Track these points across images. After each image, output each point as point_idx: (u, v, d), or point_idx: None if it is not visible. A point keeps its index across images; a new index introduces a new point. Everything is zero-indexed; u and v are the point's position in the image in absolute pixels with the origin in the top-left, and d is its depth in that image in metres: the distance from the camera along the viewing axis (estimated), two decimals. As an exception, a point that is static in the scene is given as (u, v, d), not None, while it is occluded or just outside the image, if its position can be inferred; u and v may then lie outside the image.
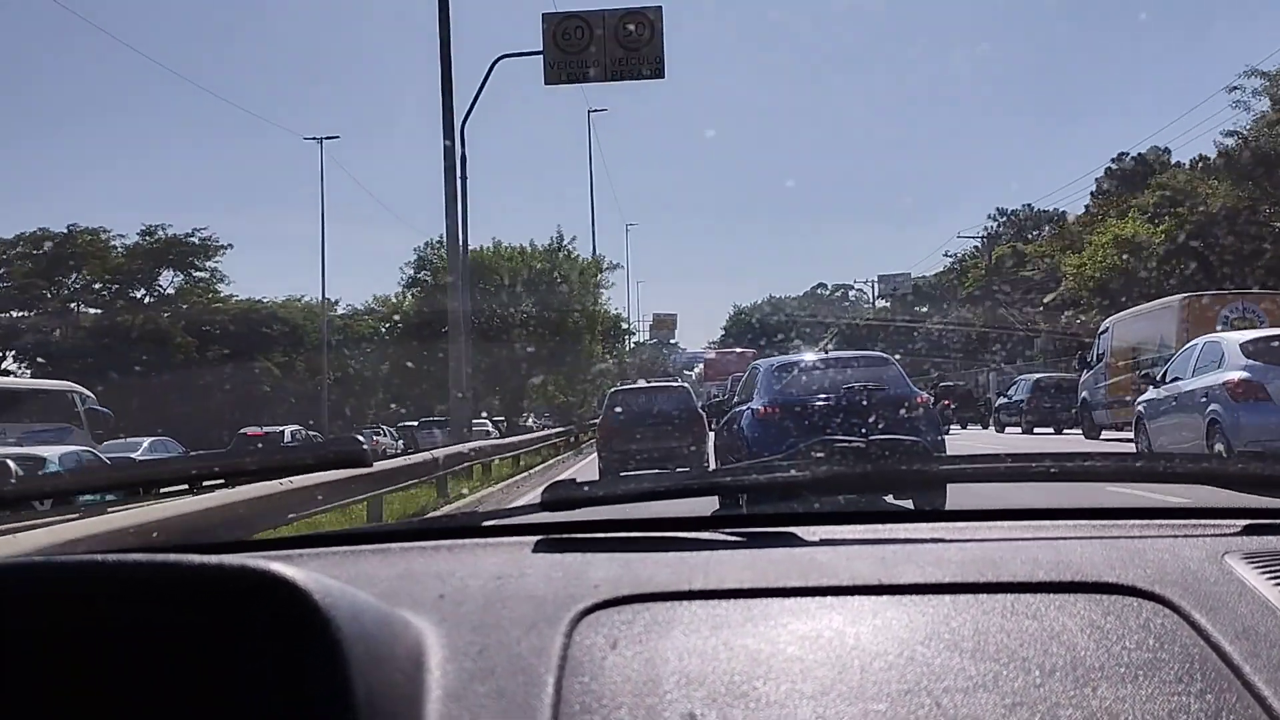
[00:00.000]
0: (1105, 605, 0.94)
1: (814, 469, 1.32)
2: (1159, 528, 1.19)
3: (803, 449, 1.41)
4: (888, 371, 9.73)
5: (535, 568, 1.07)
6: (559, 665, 0.85)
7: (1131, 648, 0.88)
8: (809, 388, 9.40)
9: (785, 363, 10.46)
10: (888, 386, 9.26)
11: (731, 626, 0.91)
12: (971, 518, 1.27)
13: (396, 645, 0.83)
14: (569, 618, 0.92)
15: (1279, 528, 1.17)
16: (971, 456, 1.38)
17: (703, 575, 1.01)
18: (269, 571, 0.78)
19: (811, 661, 0.86)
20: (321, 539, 1.28)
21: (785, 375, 9.79)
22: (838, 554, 1.09)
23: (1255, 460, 1.29)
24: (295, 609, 0.76)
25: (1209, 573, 1.00)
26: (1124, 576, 0.99)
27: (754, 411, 9.33)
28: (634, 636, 0.90)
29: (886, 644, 0.89)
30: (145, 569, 0.82)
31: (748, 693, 0.82)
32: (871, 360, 10.46)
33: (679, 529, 1.22)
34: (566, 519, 1.27)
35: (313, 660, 0.74)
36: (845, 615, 0.94)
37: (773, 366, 10.19)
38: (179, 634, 0.80)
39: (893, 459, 1.23)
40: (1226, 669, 0.85)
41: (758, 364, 10.93)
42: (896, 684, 0.84)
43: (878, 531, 1.20)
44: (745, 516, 1.32)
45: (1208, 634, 0.89)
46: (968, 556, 1.06)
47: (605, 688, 0.83)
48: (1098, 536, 1.14)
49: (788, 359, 11.03)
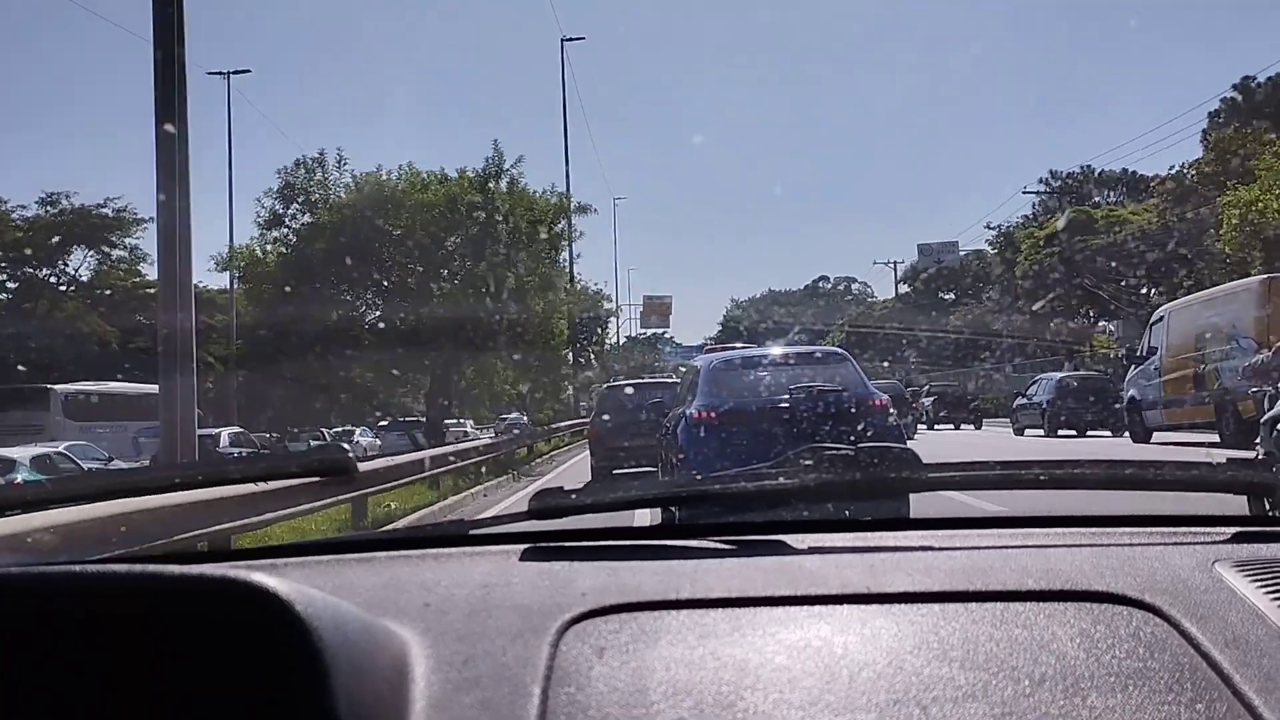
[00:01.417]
0: (1095, 614, 0.94)
1: (802, 476, 1.31)
2: (1149, 535, 1.19)
3: (791, 456, 1.40)
4: (843, 370, 8.65)
5: (522, 577, 1.06)
6: (545, 675, 0.84)
7: (1122, 656, 0.87)
8: (752, 389, 8.29)
9: (728, 359, 9.20)
10: (843, 388, 8.23)
11: (719, 636, 0.91)
12: (961, 525, 1.27)
13: (380, 655, 0.82)
14: (555, 627, 0.91)
15: (1269, 535, 1.17)
16: (961, 464, 1.37)
17: (690, 584, 1.01)
18: (251, 582, 0.77)
19: (799, 671, 0.86)
20: (305, 548, 1.27)
21: (727, 374, 8.65)
22: (827, 562, 1.08)
23: (1245, 467, 1.29)
24: (278, 619, 0.75)
25: (1199, 581, 1.00)
26: (1114, 585, 0.98)
27: (688, 416, 8.22)
28: (621, 646, 0.89)
29: (875, 653, 0.88)
30: (127, 580, 0.81)
31: (735, 703, 0.82)
32: (826, 358, 9.37)
33: (667, 537, 1.21)
34: (553, 527, 1.26)
35: (295, 671, 0.73)
36: (834, 624, 0.93)
37: (713, 364, 9.00)
38: (162, 645, 0.79)
39: (881, 466, 1.23)
40: (1217, 678, 0.85)
41: (698, 360, 9.88)
42: (885, 694, 0.83)
43: (867, 539, 1.20)
44: (735, 524, 1.31)
45: (1198, 642, 0.89)
46: (957, 565, 1.05)
47: (592, 698, 0.82)
48: (1087, 544, 1.14)
49: (732, 354, 9.71)
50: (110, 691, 0.79)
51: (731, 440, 7.79)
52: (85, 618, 0.80)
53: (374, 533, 1.44)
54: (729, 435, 7.86)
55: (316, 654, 0.73)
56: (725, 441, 7.79)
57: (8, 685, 0.79)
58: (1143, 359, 19.65)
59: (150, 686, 0.79)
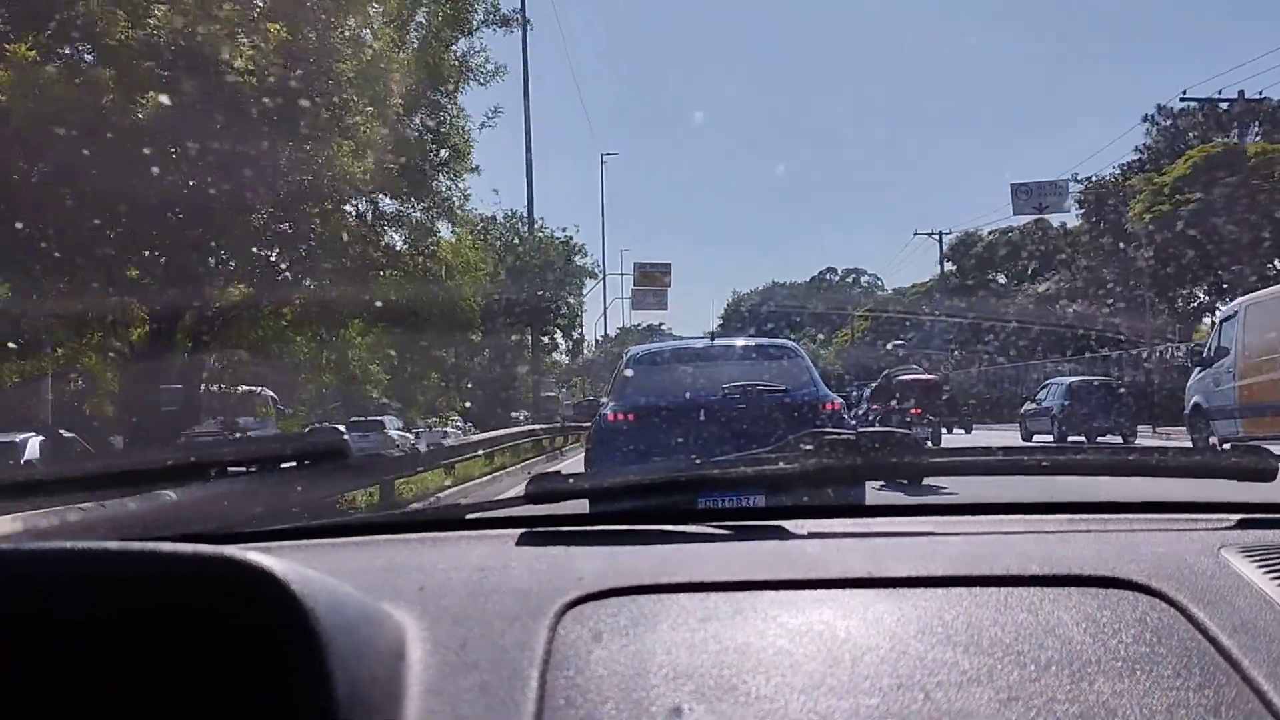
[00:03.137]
0: (1100, 599, 0.93)
1: (802, 461, 1.30)
2: (1154, 521, 1.18)
3: (791, 440, 1.38)
4: (789, 367, 7.37)
5: (519, 560, 1.06)
6: (543, 658, 0.83)
7: (1128, 641, 0.87)
8: (679, 387, 7.08)
9: (655, 352, 8.07)
10: (785, 387, 6.99)
11: (719, 619, 0.90)
12: (963, 511, 1.26)
13: (377, 638, 0.81)
14: (553, 610, 0.90)
15: (1275, 521, 1.16)
16: (963, 450, 1.37)
17: (689, 568, 1.00)
18: (248, 562, 0.76)
19: (801, 655, 0.85)
20: (303, 531, 1.27)
21: (651, 370, 7.50)
22: (827, 547, 1.08)
23: (1250, 453, 1.28)
24: (275, 600, 0.74)
25: (1205, 566, 0.99)
26: (1119, 570, 0.97)
27: (602, 417, 7.12)
28: (619, 629, 0.88)
29: (878, 637, 0.87)
30: (123, 558, 0.80)
31: (736, 686, 0.81)
32: (771, 351, 7.91)
33: (665, 521, 1.21)
34: (550, 511, 1.25)
35: (293, 652, 0.72)
36: (835, 609, 0.92)
37: (637, 357, 7.88)
38: (159, 624, 0.78)
39: (883, 451, 1.22)
40: (1225, 663, 0.84)
41: (626, 353, 8.77)
42: (889, 678, 0.82)
43: (867, 525, 1.19)
44: (734, 510, 1.30)
45: (1205, 628, 0.88)
46: (959, 550, 1.05)
47: (590, 681, 0.81)
48: (1092, 530, 1.14)
49: (661, 346, 8.60)
50: (106, 669, 0.79)
51: (648, 445, 6.69)
52: (81, 597, 0.79)
53: (372, 516, 1.44)
54: (645, 440, 6.74)
55: (314, 635, 0.72)
56: (640, 447, 6.70)
57: (3, 659, 0.78)
58: (1210, 361, 16.76)
59: (147, 665, 0.79)
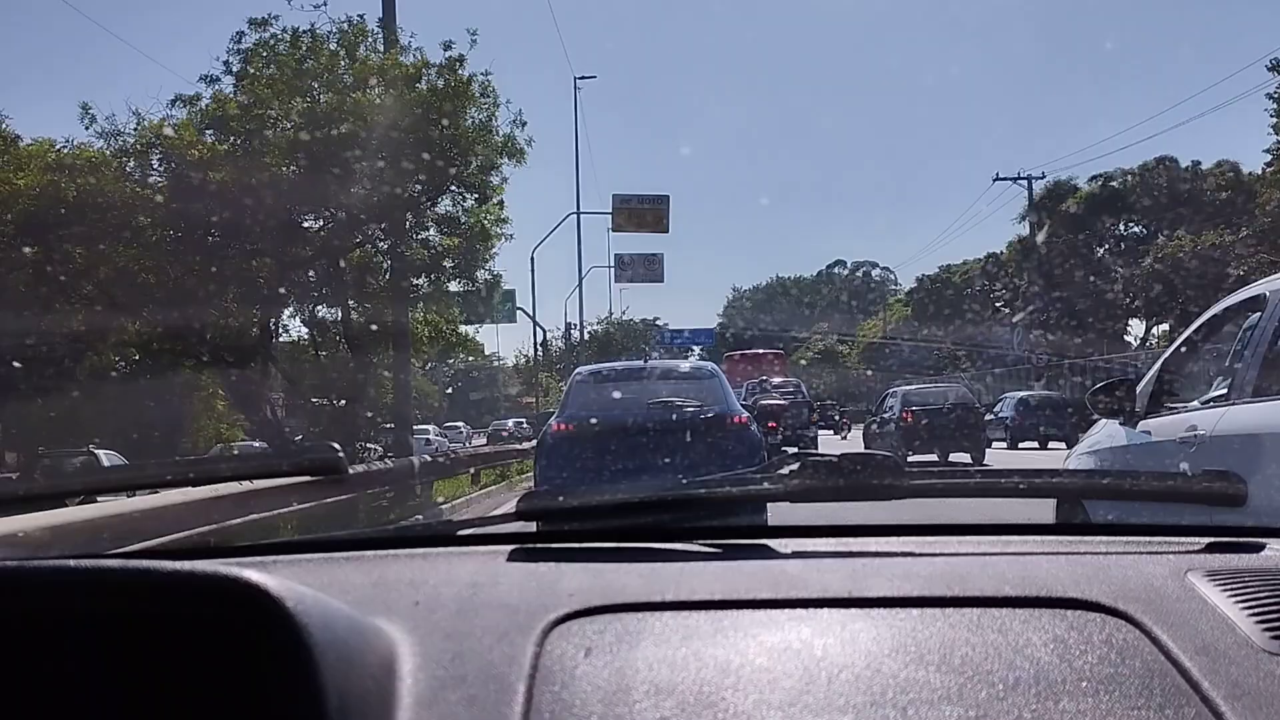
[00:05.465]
0: (1069, 620, 0.96)
1: (786, 482, 1.33)
2: (1123, 544, 1.21)
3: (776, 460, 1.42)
4: (705, 386, 8.69)
5: (509, 577, 1.08)
6: (530, 674, 0.86)
7: (1094, 662, 0.89)
8: (613, 405, 8.33)
9: (596, 372, 9.39)
10: (700, 405, 8.25)
11: (702, 637, 0.92)
12: (941, 532, 1.28)
13: (368, 652, 0.83)
14: (541, 627, 0.93)
15: (1241, 545, 1.19)
16: (941, 471, 1.39)
17: (674, 586, 1.02)
18: (241, 578, 0.78)
19: (780, 672, 0.88)
20: (295, 546, 1.28)
21: (593, 388, 8.73)
22: (809, 567, 1.10)
23: (1219, 478, 1.31)
24: (267, 616, 0.76)
25: (1171, 589, 1.02)
26: (1088, 592, 1.00)
27: (550, 429, 8.33)
28: (606, 646, 0.91)
29: (854, 656, 0.90)
30: (118, 575, 0.82)
31: (716, 703, 0.83)
32: (689, 373, 9.48)
33: (653, 539, 1.23)
34: (540, 529, 1.27)
35: (284, 667, 0.74)
36: (814, 627, 0.95)
37: (580, 376, 9.17)
38: (152, 639, 0.80)
39: (864, 472, 1.25)
40: (1186, 684, 0.87)
41: (574, 373, 10.02)
42: (863, 695, 0.85)
43: (849, 545, 1.22)
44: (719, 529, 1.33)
45: (1168, 650, 0.91)
46: (936, 571, 1.07)
47: (576, 696, 0.84)
48: (1064, 552, 1.16)
49: (602, 367, 10.00)
50: (101, 685, 0.80)
51: (587, 455, 7.89)
52: (76, 612, 0.81)
53: (363, 532, 1.46)
54: (585, 450, 7.95)
55: (305, 650, 0.74)
56: (580, 456, 7.89)
57: (3, 674, 0.80)
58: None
59: (141, 680, 0.80)
